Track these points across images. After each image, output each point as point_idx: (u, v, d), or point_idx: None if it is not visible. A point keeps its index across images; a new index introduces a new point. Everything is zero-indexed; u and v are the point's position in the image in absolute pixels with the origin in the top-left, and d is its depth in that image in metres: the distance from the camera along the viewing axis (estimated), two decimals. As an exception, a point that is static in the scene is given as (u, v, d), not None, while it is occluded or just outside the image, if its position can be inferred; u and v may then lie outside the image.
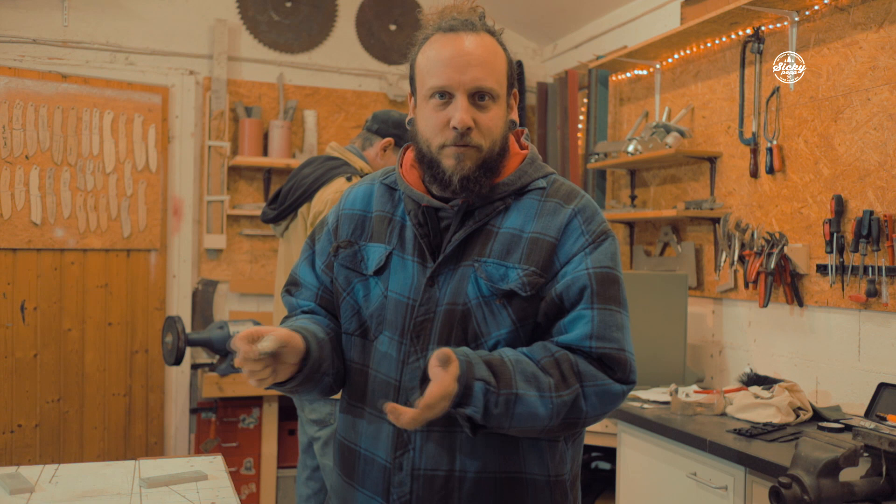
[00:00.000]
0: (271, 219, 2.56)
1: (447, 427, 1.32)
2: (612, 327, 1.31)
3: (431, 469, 1.33)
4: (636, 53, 3.48)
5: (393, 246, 1.41)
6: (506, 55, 1.42)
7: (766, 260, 2.79)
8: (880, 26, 2.53)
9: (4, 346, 3.73)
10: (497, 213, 1.37)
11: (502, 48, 1.44)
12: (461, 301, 1.33)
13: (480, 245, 1.35)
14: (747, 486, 2.16)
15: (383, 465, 1.37)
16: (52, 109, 3.83)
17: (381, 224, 1.44)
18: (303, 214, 2.46)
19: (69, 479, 1.86)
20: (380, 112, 2.65)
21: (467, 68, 1.34)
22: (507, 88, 1.40)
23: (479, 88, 1.34)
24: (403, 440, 1.35)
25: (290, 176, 2.55)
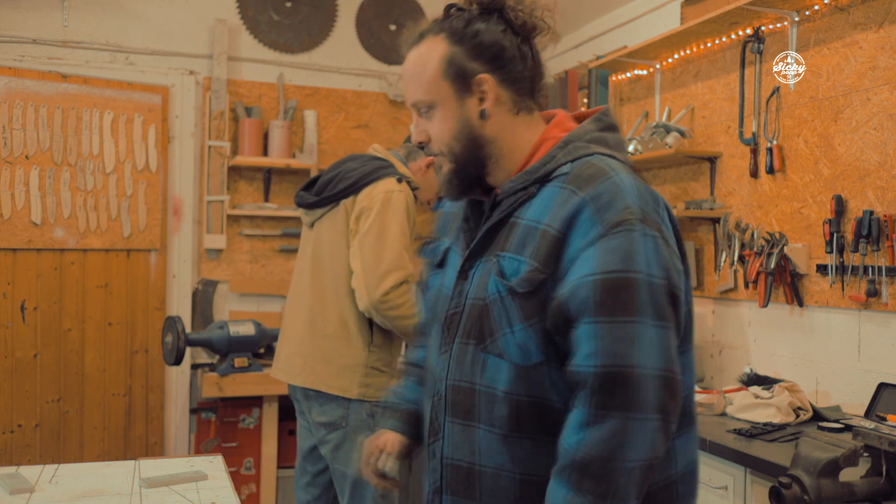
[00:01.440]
0: (310, 204, 2.49)
1: (465, 421, 1.29)
2: (621, 342, 1.14)
3: (457, 459, 1.31)
4: (636, 53, 3.48)
5: (452, 240, 1.45)
6: (446, 52, 1.31)
7: (766, 260, 2.79)
8: (880, 26, 2.53)
9: (4, 346, 3.73)
10: (520, 203, 1.29)
11: (446, 43, 1.32)
12: (482, 295, 1.29)
13: (503, 238, 1.29)
14: (747, 486, 2.16)
15: (426, 450, 1.42)
16: (52, 109, 3.83)
17: (453, 220, 1.49)
18: (346, 207, 2.40)
19: (69, 479, 1.86)
20: None
21: (406, 87, 1.38)
22: (450, 87, 1.32)
23: (414, 104, 1.38)
24: (435, 427, 1.36)
25: (332, 167, 2.50)
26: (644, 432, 1.13)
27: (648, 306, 1.16)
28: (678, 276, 1.22)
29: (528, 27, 1.32)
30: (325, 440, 2.42)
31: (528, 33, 1.32)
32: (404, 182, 2.43)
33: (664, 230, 1.22)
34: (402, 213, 2.35)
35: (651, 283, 1.17)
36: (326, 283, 2.42)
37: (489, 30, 1.30)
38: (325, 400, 2.40)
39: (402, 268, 2.29)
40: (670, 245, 1.22)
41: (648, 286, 1.16)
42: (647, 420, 1.14)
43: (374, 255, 2.28)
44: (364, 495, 2.39)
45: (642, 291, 1.16)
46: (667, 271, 1.19)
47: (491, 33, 1.30)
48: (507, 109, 1.33)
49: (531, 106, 1.35)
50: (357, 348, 2.38)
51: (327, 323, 2.40)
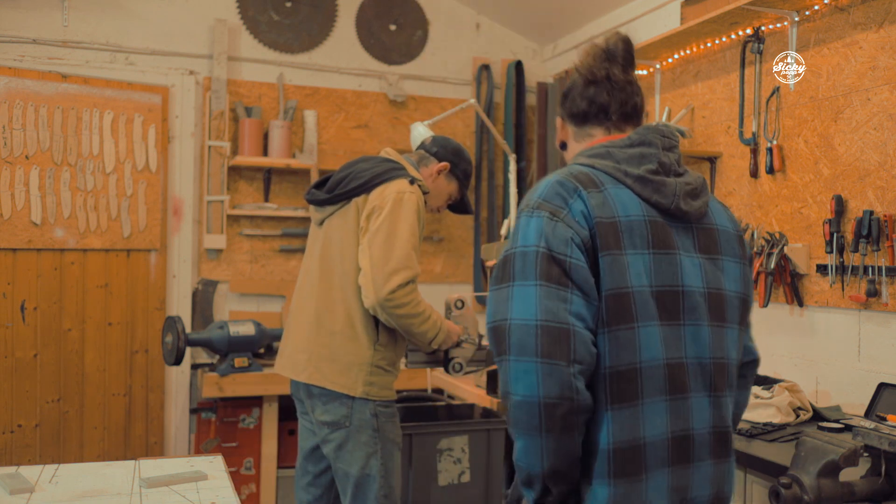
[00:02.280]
0: (321, 201, 2.50)
1: None
2: (500, 303, 1.41)
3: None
4: (636, 53, 3.48)
5: None
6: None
7: (766, 260, 2.79)
8: (880, 26, 2.53)
9: (4, 346, 3.73)
10: None
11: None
12: None
13: None
14: (747, 486, 2.16)
15: None
16: (52, 109, 3.83)
17: None
18: (357, 205, 2.42)
19: (69, 479, 1.86)
20: (440, 137, 2.70)
21: None
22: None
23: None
24: None
25: (344, 167, 2.52)
26: (525, 373, 1.35)
27: (518, 271, 1.40)
28: (565, 243, 1.39)
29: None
30: (327, 439, 2.42)
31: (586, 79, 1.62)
32: (416, 185, 2.44)
33: (561, 211, 1.42)
34: (413, 213, 2.36)
35: (525, 252, 1.40)
36: (334, 281, 2.43)
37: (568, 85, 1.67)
38: (329, 399, 2.40)
39: (410, 267, 2.30)
40: (563, 220, 1.41)
41: (523, 255, 1.40)
42: (522, 361, 1.35)
43: (382, 254, 2.29)
44: (367, 495, 2.39)
45: (517, 261, 1.41)
46: (547, 240, 1.39)
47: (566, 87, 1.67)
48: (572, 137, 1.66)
49: (592, 133, 1.63)
50: (362, 347, 2.38)
51: (334, 320, 2.41)
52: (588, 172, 1.49)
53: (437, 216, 4.55)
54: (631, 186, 1.48)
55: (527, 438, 1.37)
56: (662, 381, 1.42)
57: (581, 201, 1.43)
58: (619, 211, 1.44)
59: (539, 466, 1.38)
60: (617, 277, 1.40)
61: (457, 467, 3.00)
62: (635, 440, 1.40)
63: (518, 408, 1.36)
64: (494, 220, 4.58)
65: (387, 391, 2.43)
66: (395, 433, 2.46)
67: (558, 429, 1.35)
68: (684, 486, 1.44)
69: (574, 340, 1.35)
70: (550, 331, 1.34)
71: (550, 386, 1.33)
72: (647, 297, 1.42)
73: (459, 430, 2.99)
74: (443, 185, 2.64)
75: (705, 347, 1.47)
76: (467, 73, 4.66)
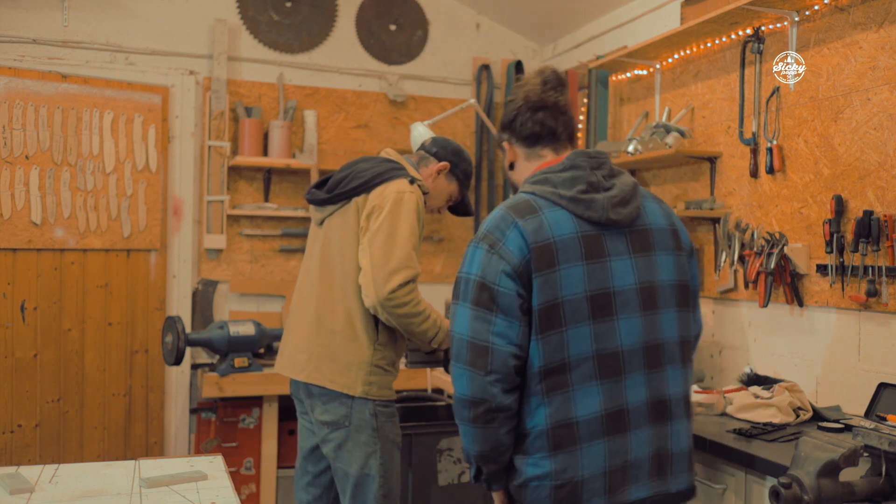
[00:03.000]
0: (322, 201, 2.51)
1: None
2: (453, 317, 1.74)
3: None
4: (636, 53, 3.49)
5: None
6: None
7: (766, 260, 2.79)
8: (880, 26, 2.53)
9: (4, 346, 3.73)
10: None
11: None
12: None
13: None
14: (747, 486, 2.16)
15: None
16: (52, 109, 3.83)
17: None
18: (357, 204, 2.42)
19: (69, 479, 1.86)
20: (440, 138, 2.71)
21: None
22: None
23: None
24: None
25: (345, 167, 2.52)
26: (459, 376, 1.71)
27: (462, 294, 1.73)
28: (495, 274, 1.68)
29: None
30: (327, 439, 2.42)
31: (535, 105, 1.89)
32: (416, 185, 2.44)
33: (498, 244, 1.70)
34: (413, 213, 2.36)
35: (468, 279, 1.72)
36: (334, 281, 2.43)
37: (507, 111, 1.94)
38: (329, 398, 2.40)
39: (411, 267, 2.30)
40: (497, 253, 1.70)
41: (466, 281, 1.73)
42: (458, 367, 1.71)
43: (383, 253, 2.29)
44: (366, 494, 2.39)
45: (461, 284, 1.74)
46: (483, 270, 1.70)
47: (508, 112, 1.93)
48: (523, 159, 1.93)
49: (542, 154, 1.90)
50: (362, 346, 2.38)
51: (334, 320, 2.41)
52: (529, 199, 1.76)
53: (438, 216, 4.56)
54: (566, 207, 1.73)
55: (462, 426, 1.74)
56: (592, 369, 1.70)
57: (517, 231, 1.70)
58: (553, 231, 1.71)
59: (472, 449, 1.75)
60: (548, 292, 1.68)
61: (457, 467, 3.00)
62: (568, 420, 1.69)
63: (456, 402, 1.73)
64: (494, 220, 4.57)
65: (386, 391, 2.43)
66: (395, 433, 2.46)
67: (482, 421, 1.70)
68: (623, 451, 1.72)
69: (492, 355, 1.68)
70: (475, 346, 1.69)
71: (473, 389, 1.69)
72: (581, 303, 1.69)
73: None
74: (443, 185, 2.64)
75: (638, 335, 1.74)
76: (467, 73, 4.66)
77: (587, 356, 1.69)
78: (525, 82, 1.90)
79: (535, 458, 1.70)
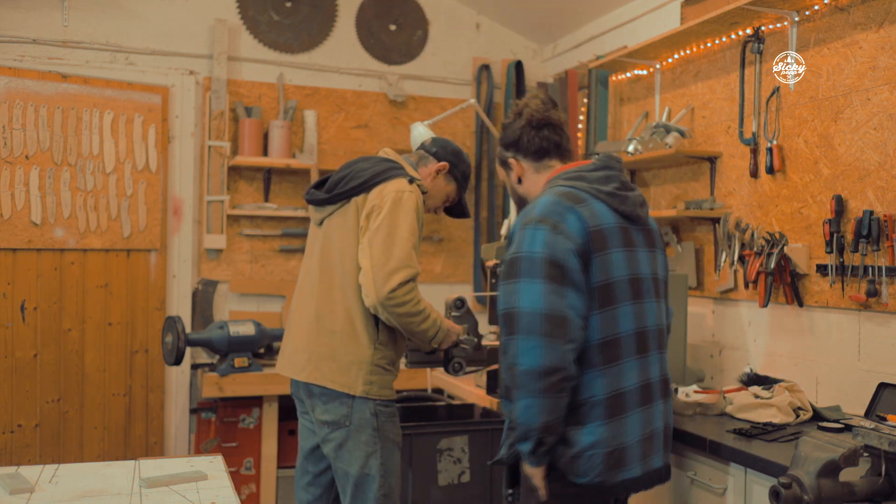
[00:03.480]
0: (321, 201, 2.51)
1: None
2: (510, 295, 1.85)
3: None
4: (636, 53, 3.49)
5: None
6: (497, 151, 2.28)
7: (766, 260, 2.79)
8: (880, 26, 2.53)
9: (4, 346, 3.73)
10: None
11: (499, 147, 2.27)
12: None
13: None
14: (747, 486, 2.16)
15: None
16: (52, 109, 3.83)
17: None
18: (357, 204, 2.42)
19: (69, 479, 1.86)
20: (440, 138, 2.71)
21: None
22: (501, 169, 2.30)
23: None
24: None
25: (344, 167, 2.52)
26: (532, 348, 1.80)
27: (526, 271, 1.84)
28: (565, 252, 1.84)
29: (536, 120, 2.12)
30: (328, 439, 2.42)
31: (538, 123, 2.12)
32: (415, 184, 2.44)
33: (560, 225, 1.87)
34: (413, 212, 2.36)
35: (532, 257, 1.84)
36: (334, 280, 2.43)
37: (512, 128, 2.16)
38: (329, 398, 2.40)
39: (410, 266, 2.30)
40: (562, 233, 1.86)
41: (530, 259, 1.85)
42: (531, 339, 1.80)
43: (382, 252, 2.29)
44: (366, 494, 2.39)
45: (524, 262, 1.85)
46: (550, 248, 1.84)
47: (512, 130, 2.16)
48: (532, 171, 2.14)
49: (551, 164, 2.12)
50: (362, 346, 2.38)
51: (334, 319, 2.41)
52: (571, 192, 1.94)
53: (438, 217, 4.56)
54: (604, 200, 1.95)
55: (527, 399, 1.81)
56: (633, 345, 1.94)
57: (575, 215, 1.89)
58: (601, 219, 1.92)
59: (536, 421, 1.82)
60: (604, 272, 1.90)
61: (457, 467, 3.00)
62: (619, 390, 1.91)
63: (524, 375, 1.81)
64: (494, 221, 4.58)
65: (387, 390, 2.43)
66: (395, 432, 2.47)
67: (554, 390, 1.81)
68: (651, 421, 1.97)
69: (570, 325, 1.82)
70: (551, 318, 1.80)
71: (550, 358, 1.79)
72: (625, 284, 1.93)
73: (459, 429, 2.99)
74: (441, 185, 2.64)
75: (654, 318, 2.01)
76: (467, 73, 4.66)
77: (630, 333, 1.93)
78: (525, 104, 2.13)
79: (592, 427, 1.88)
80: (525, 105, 2.13)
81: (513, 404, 1.85)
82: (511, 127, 2.14)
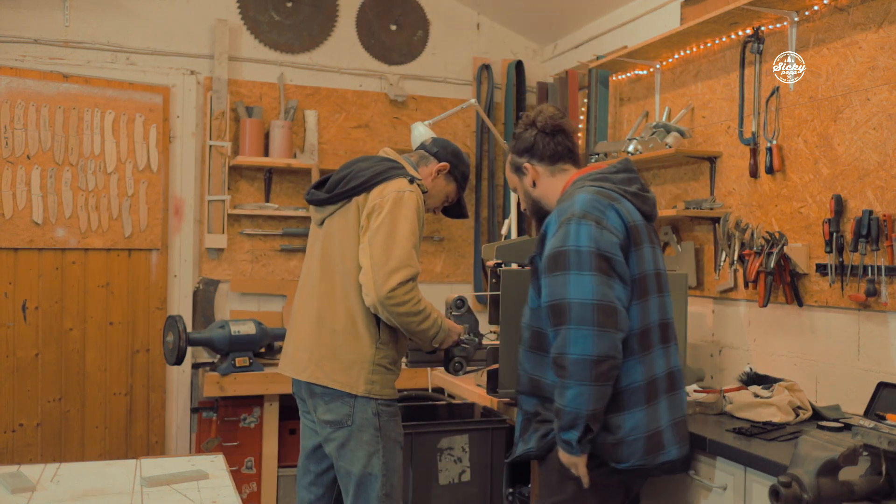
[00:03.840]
0: (322, 201, 2.50)
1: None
2: (557, 287, 1.95)
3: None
4: (636, 53, 3.49)
5: None
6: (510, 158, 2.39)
7: (765, 259, 2.80)
8: (880, 26, 2.54)
9: (6, 346, 3.74)
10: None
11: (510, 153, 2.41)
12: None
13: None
14: (747, 485, 2.17)
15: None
16: (54, 109, 3.84)
17: None
18: (357, 204, 2.42)
19: (70, 478, 1.87)
20: (440, 139, 2.71)
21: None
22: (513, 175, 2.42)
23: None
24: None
25: (344, 167, 2.52)
26: (583, 338, 1.89)
27: (574, 263, 1.93)
28: (611, 245, 1.96)
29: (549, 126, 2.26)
30: (330, 438, 2.43)
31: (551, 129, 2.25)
32: (416, 184, 2.44)
33: (603, 220, 1.98)
34: (413, 211, 2.36)
35: (579, 250, 1.94)
36: (336, 280, 2.43)
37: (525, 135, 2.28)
38: (331, 398, 2.40)
39: (411, 265, 2.30)
40: (606, 228, 1.97)
41: (577, 252, 1.94)
42: (583, 329, 1.89)
43: (383, 252, 2.29)
44: (368, 493, 2.40)
45: (571, 255, 1.95)
46: (596, 242, 1.94)
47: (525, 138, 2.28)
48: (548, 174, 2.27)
49: (565, 168, 2.25)
50: (364, 345, 2.39)
51: (335, 319, 2.41)
52: (603, 191, 2.05)
53: (438, 216, 4.56)
54: (631, 200, 2.07)
55: (578, 388, 1.90)
56: (659, 334, 2.07)
57: (615, 212, 2.01)
58: (633, 216, 2.05)
59: (585, 409, 1.91)
60: (640, 265, 2.03)
61: (457, 466, 3.00)
62: (653, 376, 2.03)
63: (575, 364, 1.89)
64: (495, 220, 4.58)
65: (389, 389, 2.44)
66: (397, 432, 2.47)
67: (604, 378, 1.90)
68: (678, 406, 2.11)
69: (619, 315, 1.92)
70: (603, 308, 1.90)
71: (603, 347, 1.88)
72: (652, 277, 2.06)
73: (460, 429, 3.00)
74: (441, 185, 2.64)
75: (671, 310, 2.14)
76: (468, 72, 4.67)
77: (657, 323, 2.06)
78: (538, 112, 2.26)
79: (632, 412, 2.00)
80: (539, 113, 2.25)
81: (561, 393, 1.93)
82: (524, 134, 2.26)
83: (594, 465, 2.03)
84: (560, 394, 1.94)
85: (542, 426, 2.11)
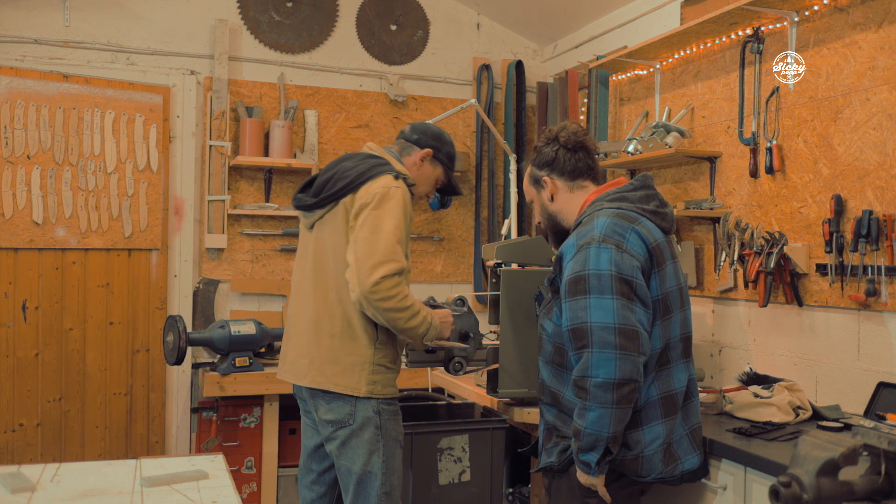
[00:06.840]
0: (309, 206, 2.50)
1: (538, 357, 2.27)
2: (578, 310, 1.96)
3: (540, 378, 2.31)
4: (636, 53, 3.49)
5: None
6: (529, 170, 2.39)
7: (765, 259, 2.80)
8: (880, 26, 2.54)
9: (6, 346, 3.74)
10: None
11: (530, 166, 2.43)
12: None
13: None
14: (747, 485, 2.17)
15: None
16: (54, 109, 3.84)
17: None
18: (345, 205, 2.41)
19: (70, 478, 1.87)
20: (418, 124, 2.67)
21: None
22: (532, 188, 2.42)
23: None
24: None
25: (328, 167, 2.51)
26: (606, 361, 1.90)
27: (596, 288, 1.95)
28: (631, 269, 1.96)
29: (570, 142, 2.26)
30: (331, 437, 2.43)
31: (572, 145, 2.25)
32: (401, 179, 2.43)
33: (623, 244, 1.98)
34: (399, 207, 2.35)
35: (600, 274, 1.95)
36: (329, 284, 2.42)
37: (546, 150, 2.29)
38: (332, 398, 2.40)
39: (395, 260, 2.28)
40: (627, 252, 1.98)
41: (598, 276, 1.95)
42: (606, 353, 1.90)
43: (367, 246, 2.28)
44: (369, 492, 2.40)
45: (592, 280, 1.96)
46: (617, 266, 1.95)
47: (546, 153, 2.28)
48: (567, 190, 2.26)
49: (584, 184, 2.25)
50: (363, 346, 2.38)
51: (332, 323, 2.41)
52: (623, 212, 2.06)
53: (438, 215, 4.56)
54: (650, 218, 2.08)
55: (599, 411, 1.92)
56: (680, 349, 2.09)
57: (636, 234, 2.01)
58: (654, 235, 2.05)
59: (606, 432, 1.93)
60: (662, 285, 2.05)
61: (457, 466, 3.00)
62: (670, 391, 2.05)
63: (598, 387, 1.91)
64: (495, 220, 4.58)
65: (390, 388, 2.44)
66: (398, 430, 2.47)
67: (626, 401, 1.92)
68: (695, 414, 2.14)
69: (641, 339, 1.93)
70: (625, 331, 1.92)
71: (625, 370, 1.90)
72: (675, 294, 2.08)
73: (460, 429, 3.00)
74: (428, 171, 2.62)
75: (691, 323, 2.16)
76: (468, 73, 4.67)
77: (678, 338, 2.09)
78: (562, 128, 2.27)
79: (651, 426, 2.03)
80: (562, 128, 2.27)
81: (582, 414, 1.95)
82: (546, 149, 2.27)
83: (613, 479, 2.06)
84: (581, 415, 1.96)
85: (562, 441, 2.14)
